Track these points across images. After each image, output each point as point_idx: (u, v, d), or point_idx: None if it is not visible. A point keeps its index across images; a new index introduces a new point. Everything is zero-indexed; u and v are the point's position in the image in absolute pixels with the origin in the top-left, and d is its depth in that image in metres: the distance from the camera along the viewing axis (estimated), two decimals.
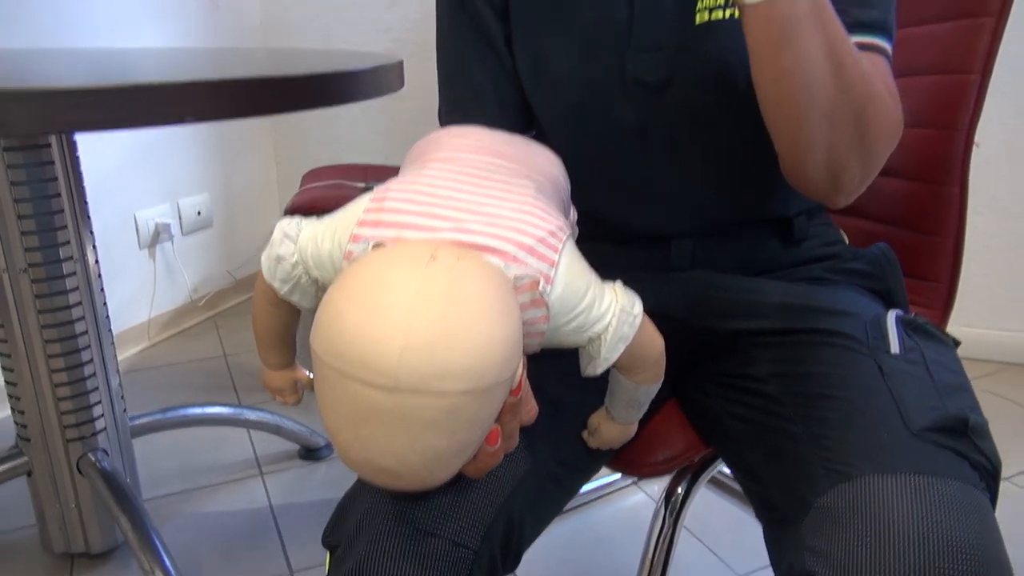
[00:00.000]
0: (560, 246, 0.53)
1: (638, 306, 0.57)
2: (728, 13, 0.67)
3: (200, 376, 2.02)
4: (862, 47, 0.65)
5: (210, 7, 2.26)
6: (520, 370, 0.48)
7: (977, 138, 0.88)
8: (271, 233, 0.57)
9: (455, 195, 0.55)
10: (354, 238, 0.52)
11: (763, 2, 0.55)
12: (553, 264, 0.52)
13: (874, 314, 0.69)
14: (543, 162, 0.65)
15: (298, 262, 0.55)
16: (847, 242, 0.86)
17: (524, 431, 0.51)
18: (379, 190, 0.56)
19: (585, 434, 0.70)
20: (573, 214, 0.71)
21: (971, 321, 2.02)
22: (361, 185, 1.94)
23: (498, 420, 0.47)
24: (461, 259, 0.45)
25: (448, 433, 0.43)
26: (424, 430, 0.42)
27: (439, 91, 0.84)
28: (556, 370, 0.63)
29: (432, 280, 0.43)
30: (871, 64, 0.64)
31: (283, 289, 0.56)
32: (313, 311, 0.58)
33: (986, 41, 0.85)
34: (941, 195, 0.91)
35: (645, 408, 0.66)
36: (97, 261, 1.21)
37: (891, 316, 0.69)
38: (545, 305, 0.52)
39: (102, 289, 1.24)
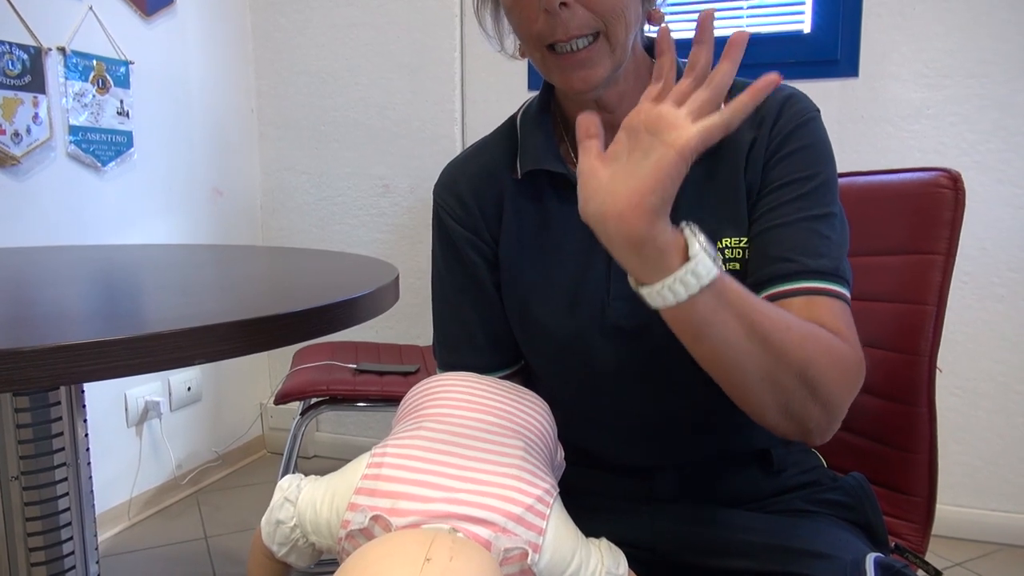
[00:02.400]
0: (548, 512, 0.56)
1: (623, 566, 0.59)
2: None
3: (180, 563, 1.96)
4: (816, 292, 0.69)
5: (214, 195, 2.39)
6: None
7: (940, 363, 0.93)
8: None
9: (447, 459, 0.58)
10: (352, 506, 0.55)
11: (666, 307, 0.59)
12: (541, 532, 0.55)
13: (853, 557, 0.71)
14: (531, 412, 0.69)
15: (296, 526, 0.58)
16: (825, 464, 0.89)
17: None
18: (376, 453, 0.59)
19: None
20: (560, 453, 0.74)
21: (958, 501, 2.03)
22: (353, 367, 1.98)
23: None
24: (454, 558, 0.48)
25: None
26: None
27: (433, 323, 0.89)
28: None
29: None
30: (826, 310, 0.68)
31: (280, 552, 0.59)
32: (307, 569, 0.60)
33: (938, 277, 0.91)
34: (911, 414, 0.95)
35: None
36: (89, 463, 1.22)
37: (870, 561, 0.70)
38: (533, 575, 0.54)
39: (90, 477, 1.24)
